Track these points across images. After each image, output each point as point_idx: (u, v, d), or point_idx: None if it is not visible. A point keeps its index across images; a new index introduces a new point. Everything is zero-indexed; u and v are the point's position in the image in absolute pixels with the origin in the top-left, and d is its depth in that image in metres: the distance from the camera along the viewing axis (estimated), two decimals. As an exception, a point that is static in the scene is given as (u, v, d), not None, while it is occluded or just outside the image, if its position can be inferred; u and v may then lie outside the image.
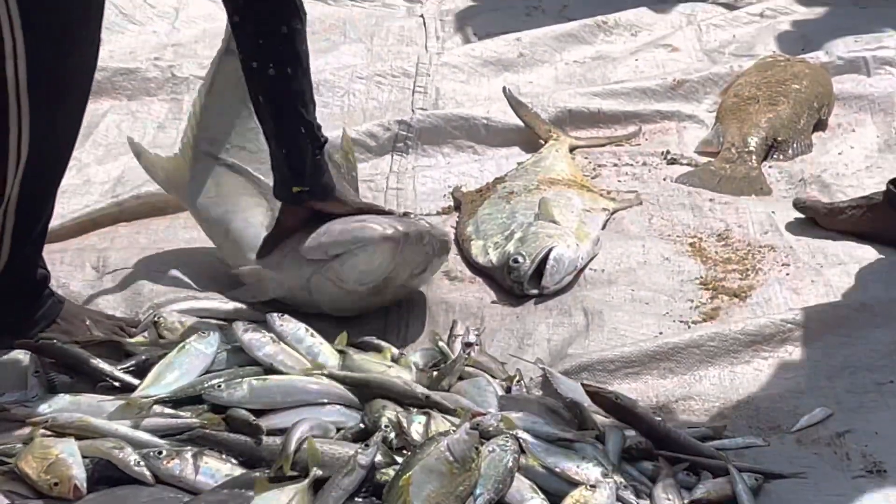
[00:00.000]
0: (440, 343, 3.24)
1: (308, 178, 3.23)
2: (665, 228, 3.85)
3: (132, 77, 4.70)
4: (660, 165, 4.24)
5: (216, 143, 3.59)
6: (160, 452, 2.68)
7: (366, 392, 2.91)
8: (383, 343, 3.21)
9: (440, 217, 3.94)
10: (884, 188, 3.74)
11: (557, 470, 2.67)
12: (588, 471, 2.66)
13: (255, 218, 3.47)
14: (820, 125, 4.49)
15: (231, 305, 3.37)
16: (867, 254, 3.67)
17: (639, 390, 3.12)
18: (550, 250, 3.53)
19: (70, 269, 3.55)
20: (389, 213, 3.45)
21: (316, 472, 2.61)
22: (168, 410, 2.85)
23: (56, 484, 2.60)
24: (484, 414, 2.82)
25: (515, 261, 3.53)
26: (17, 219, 2.99)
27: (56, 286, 3.30)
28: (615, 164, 4.25)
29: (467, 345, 3.22)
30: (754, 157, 4.23)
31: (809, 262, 3.64)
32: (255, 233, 3.42)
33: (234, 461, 2.72)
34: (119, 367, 3.01)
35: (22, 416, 2.85)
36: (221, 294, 3.43)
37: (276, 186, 3.29)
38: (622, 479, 2.67)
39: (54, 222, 3.30)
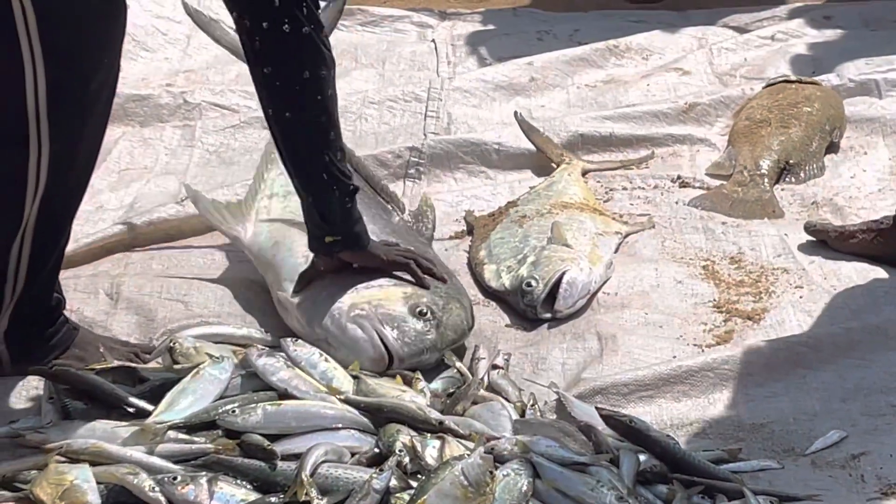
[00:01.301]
0: (457, 364, 3.23)
1: (337, 227, 3.21)
2: (678, 252, 3.85)
3: (144, 103, 4.72)
4: (672, 189, 4.24)
5: (275, 196, 3.69)
6: (175, 478, 2.67)
7: (380, 417, 2.91)
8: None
9: (452, 241, 3.94)
10: (894, 212, 3.74)
11: (572, 494, 2.65)
12: (603, 494, 2.65)
13: (298, 248, 3.45)
14: (832, 148, 4.49)
15: (245, 331, 3.37)
16: (880, 276, 3.67)
17: (653, 413, 3.12)
18: (563, 274, 3.53)
19: (84, 296, 3.55)
20: (426, 270, 3.37)
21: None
22: (182, 436, 2.84)
23: (71, 510, 2.60)
24: (498, 438, 2.82)
25: (528, 284, 3.53)
26: (34, 245, 2.99)
27: (70, 312, 3.31)
28: (627, 188, 4.25)
29: (494, 366, 3.22)
30: (766, 179, 4.23)
31: (823, 284, 3.64)
32: (296, 263, 3.41)
33: (248, 486, 2.71)
34: (133, 393, 3.02)
35: (36, 442, 2.84)
36: (235, 319, 3.44)
37: (309, 237, 3.27)
38: (637, 503, 2.67)
39: (67, 248, 3.30)
